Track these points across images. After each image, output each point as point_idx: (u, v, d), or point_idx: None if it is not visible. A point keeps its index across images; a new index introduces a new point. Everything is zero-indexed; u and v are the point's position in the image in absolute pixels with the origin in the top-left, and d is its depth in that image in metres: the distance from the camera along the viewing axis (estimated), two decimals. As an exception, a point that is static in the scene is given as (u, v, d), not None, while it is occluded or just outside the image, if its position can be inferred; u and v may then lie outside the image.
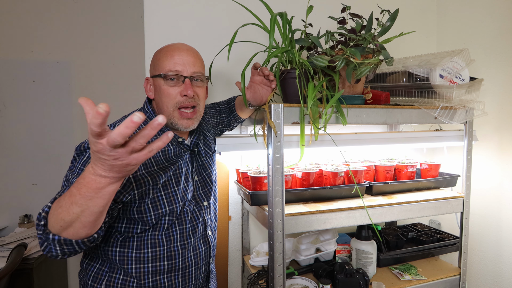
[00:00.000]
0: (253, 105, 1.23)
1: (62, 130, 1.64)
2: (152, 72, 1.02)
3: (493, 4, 1.74)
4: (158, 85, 0.98)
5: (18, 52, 1.57)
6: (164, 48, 1.01)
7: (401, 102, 1.47)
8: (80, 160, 0.86)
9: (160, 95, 0.98)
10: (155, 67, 1.01)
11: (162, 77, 0.97)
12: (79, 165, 0.85)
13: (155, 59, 1.02)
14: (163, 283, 0.96)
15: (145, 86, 1.04)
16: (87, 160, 0.85)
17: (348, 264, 1.40)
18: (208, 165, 1.15)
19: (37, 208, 1.64)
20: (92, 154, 0.62)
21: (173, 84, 0.97)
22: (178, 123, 0.99)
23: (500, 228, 1.72)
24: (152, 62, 1.03)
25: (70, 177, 0.84)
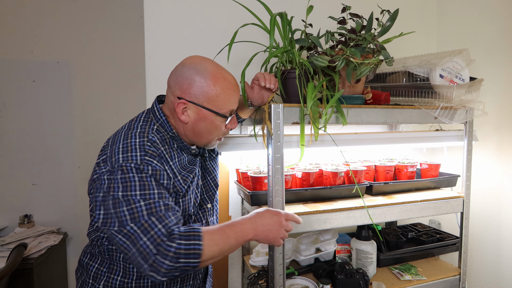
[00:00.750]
0: (254, 105, 1.23)
1: (62, 130, 1.64)
2: (203, 102, 0.94)
3: (493, 5, 1.74)
4: (211, 120, 0.96)
5: (18, 52, 1.57)
6: (220, 82, 0.95)
7: (401, 102, 1.47)
8: (133, 187, 0.81)
9: (209, 128, 0.97)
10: (210, 101, 0.94)
11: (221, 116, 0.96)
12: (136, 192, 0.81)
13: (210, 92, 0.93)
14: (162, 283, 0.96)
15: (179, 109, 0.94)
16: (138, 184, 0.81)
17: (348, 264, 1.40)
18: (212, 169, 1.14)
19: (37, 208, 1.64)
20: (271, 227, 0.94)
21: (226, 120, 0.99)
22: (212, 146, 1.05)
23: (500, 228, 1.72)
24: (201, 90, 0.93)
25: (139, 205, 0.80)
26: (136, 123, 0.95)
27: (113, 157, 0.85)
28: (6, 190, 1.59)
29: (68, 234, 1.67)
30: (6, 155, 1.58)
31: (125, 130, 0.92)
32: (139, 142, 0.87)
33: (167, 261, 0.76)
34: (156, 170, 0.85)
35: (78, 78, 1.63)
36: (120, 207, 0.80)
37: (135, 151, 0.85)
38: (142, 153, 0.85)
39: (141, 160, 0.84)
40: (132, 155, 0.84)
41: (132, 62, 1.67)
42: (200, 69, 0.94)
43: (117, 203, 0.80)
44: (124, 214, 0.79)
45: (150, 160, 0.85)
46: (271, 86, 1.14)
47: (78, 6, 1.61)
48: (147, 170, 0.83)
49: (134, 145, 0.86)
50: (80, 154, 1.66)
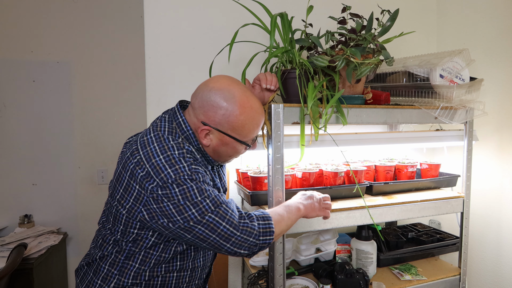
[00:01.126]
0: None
1: (62, 130, 1.64)
2: (227, 130, 0.94)
3: (493, 4, 1.74)
4: (233, 146, 0.98)
5: (18, 52, 1.57)
6: (247, 112, 0.95)
7: (401, 102, 1.47)
8: (194, 194, 0.85)
9: (230, 152, 1.00)
10: (235, 130, 0.95)
11: (245, 144, 0.99)
12: (200, 197, 0.86)
13: (237, 122, 0.94)
14: (171, 280, 0.97)
15: (201, 133, 0.95)
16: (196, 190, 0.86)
17: (348, 264, 1.40)
18: (222, 175, 1.15)
19: (37, 208, 1.64)
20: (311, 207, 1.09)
21: (246, 146, 1.01)
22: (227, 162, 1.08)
23: (501, 228, 1.72)
24: (227, 120, 0.93)
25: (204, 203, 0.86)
26: (164, 133, 0.93)
27: (161, 173, 0.85)
28: (6, 190, 1.59)
29: (68, 234, 1.67)
30: (6, 155, 1.58)
31: (157, 141, 0.90)
32: (180, 154, 0.88)
33: (251, 238, 0.87)
34: (204, 175, 0.90)
35: (78, 78, 1.63)
36: (187, 211, 0.84)
37: (181, 163, 0.86)
38: (188, 163, 0.87)
39: (190, 170, 0.86)
40: (181, 167, 0.86)
41: (132, 62, 1.67)
42: (227, 96, 0.93)
43: (182, 209, 0.84)
44: (194, 216, 0.84)
45: (197, 168, 0.89)
46: (272, 87, 1.14)
47: (78, 6, 1.61)
48: (198, 178, 0.87)
49: (178, 157, 0.87)
50: (80, 154, 1.66)
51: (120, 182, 0.90)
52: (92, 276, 0.96)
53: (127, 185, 0.88)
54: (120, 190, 0.90)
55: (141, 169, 0.86)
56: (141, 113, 1.68)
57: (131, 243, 0.93)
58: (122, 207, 0.89)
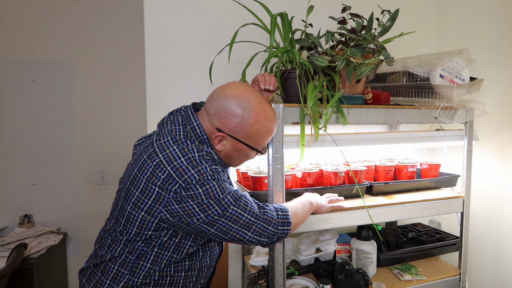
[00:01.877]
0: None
1: (62, 130, 1.64)
2: (241, 137, 0.96)
3: (493, 4, 1.74)
4: (245, 152, 1.00)
5: (18, 52, 1.57)
6: (263, 121, 0.96)
7: (401, 102, 1.47)
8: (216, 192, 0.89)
9: (242, 157, 1.03)
10: (249, 137, 0.96)
11: (257, 151, 1.02)
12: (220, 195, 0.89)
13: (252, 130, 0.95)
14: (179, 279, 0.98)
15: (215, 138, 0.96)
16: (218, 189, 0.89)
17: (348, 264, 1.40)
18: (228, 175, 1.15)
19: (37, 208, 1.64)
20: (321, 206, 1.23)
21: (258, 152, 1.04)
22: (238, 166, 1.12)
23: (501, 228, 1.72)
24: (242, 128, 0.95)
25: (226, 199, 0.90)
26: (180, 137, 0.94)
27: (184, 175, 0.86)
28: (6, 190, 1.59)
29: (68, 234, 1.67)
30: (6, 155, 1.58)
31: (175, 144, 0.91)
32: (200, 156, 0.91)
33: (270, 227, 0.94)
34: (223, 174, 0.94)
35: (78, 78, 1.63)
36: (211, 209, 0.88)
37: (202, 164, 0.89)
38: (209, 164, 0.91)
39: (211, 171, 0.89)
40: (203, 168, 0.88)
41: (132, 62, 1.67)
42: (244, 105, 0.94)
43: (206, 207, 0.87)
44: (218, 212, 0.88)
45: (216, 168, 0.92)
46: (270, 87, 1.15)
47: (78, 6, 1.61)
48: (219, 177, 0.91)
49: (198, 159, 0.90)
50: (80, 154, 1.66)
51: (136, 185, 0.90)
52: (100, 275, 0.96)
53: (144, 187, 0.88)
54: (135, 192, 0.90)
55: (161, 171, 0.87)
56: (141, 113, 1.68)
57: (143, 243, 0.93)
58: (138, 208, 0.90)
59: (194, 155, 0.90)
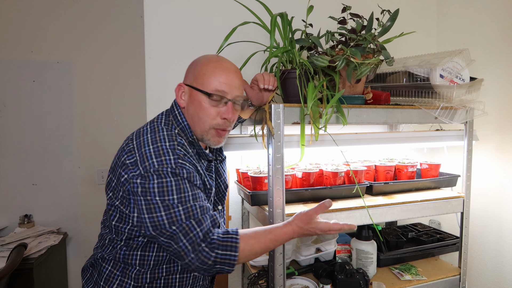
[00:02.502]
0: (254, 105, 1.23)
1: (62, 130, 1.64)
2: (192, 82, 0.96)
3: (493, 4, 1.74)
4: (198, 100, 0.95)
5: (18, 52, 1.57)
6: (211, 63, 0.96)
7: (401, 102, 1.47)
8: (170, 191, 0.84)
9: (198, 110, 0.95)
10: (197, 79, 0.95)
11: (205, 94, 0.94)
12: (173, 196, 0.83)
13: (199, 71, 0.96)
14: (175, 282, 0.97)
15: (177, 91, 0.98)
16: (174, 188, 0.84)
17: (348, 264, 1.40)
18: (222, 171, 1.14)
19: (37, 208, 1.64)
20: (302, 230, 0.95)
21: (215, 104, 0.95)
22: (211, 140, 0.98)
23: (501, 228, 1.72)
24: (193, 71, 0.97)
25: (177, 209, 0.83)
26: (159, 125, 0.94)
27: (146, 161, 0.84)
28: (6, 190, 1.59)
29: (68, 234, 1.67)
30: (6, 155, 1.58)
31: (151, 132, 0.90)
32: (170, 146, 0.87)
33: (205, 266, 0.82)
34: (190, 172, 0.87)
35: (78, 78, 1.63)
36: (157, 212, 0.82)
37: (168, 155, 0.85)
38: (175, 157, 0.86)
39: (175, 164, 0.85)
40: (167, 159, 0.85)
41: (132, 62, 1.67)
42: (201, 57, 1.00)
43: (153, 208, 0.82)
44: (162, 219, 0.82)
45: (184, 163, 0.87)
46: (270, 86, 1.14)
47: (78, 6, 1.61)
48: (182, 173, 0.85)
49: (166, 149, 0.86)
50: (80, 154, 1.66)
51: (114, 173, 0.91)
52: (97, 277, 0.96)
53: (119, 175, 0.88)
54: (114, 180, 0.90)
55: (129, 157, 0.87)
56: (141, 113, 1.68)
57: (125, 246, 0.93)
58: (116, 198, 0.90)
59: (164, 144, 0.87)
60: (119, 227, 0.91)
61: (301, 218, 0.95)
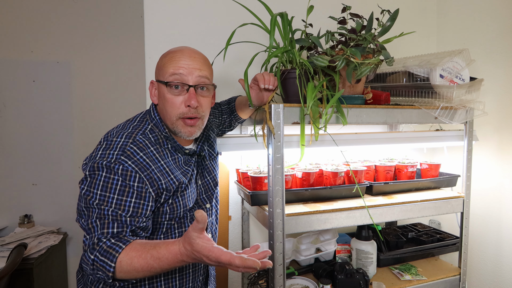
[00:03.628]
0: (254, 105, 1.23)
1: (62, 130, 1.63)
2: (156, 75, 0.99)
3: (493, 4, 1.74)
4: (162, 92, 0.94)
5: (18, 52, 1.56)
6: (169, 52, 0.97)
7: (401, 102, 1.47)
8: (96, 184, 0.84)
9: (164, 102, 0.95)
10: (159, 71, 0.97)
11: (165, 85, 0.93)
12: (95, 191, 0.84)
13: (159, 63, 0.98)
14: (160, 286, 0.95)
15: (150, 89, 1.00)
16: (101, 183, 0.84)
17: (348, 264, 1.40)
18: (212, 168, 1.14)
19: (37, 208, 1.63)
20: (189, 253, 0.74)
21: (177, 93, 0.93)
22: (182, 131, 0.96)
23: (501, 228, 1.72)
24: (157, 65, 0.99)
25: (93, 205, 0.84)
26: (131, 123, 0.97)
27: (94, 152, 0.89)
28: (6, 190, 1.59)
29: (68, 234, 1.67)
30: (6, 155, 1.58)
31: (118, 129, 0.95)
32: (123, 142, 0.89)
33: (88, 267, 0.81)
34: (127, 170, 0.86)
35: (78, 78, 1.63)
36: (81, 201, 0.86)
37: (114, 150, 0.87)
38: (119, 152, 0.87)
39: (115, 159, 0.86)
40: (109, 153, 0.87)
41: (132, 62, 1.67)
42: (166, 52, 1.00)
43: (80, 196, 0.87)
44: (82, 209, 0.85)
45: (125, 160, 0.86)
46: (270, 86, 1.14)
47: (78, 6, 1.60)
48: (117, 169, 0.85)
49: (116, 144, 0.89)
50: (80, 154, 1.66)
51: None
52: (86, 279, 0.97)
53: None
54: None
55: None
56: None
57: None
58: None
59: (118, 140, 0.89)
60: None
61: (185, 236, 0.76)
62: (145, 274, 0.78)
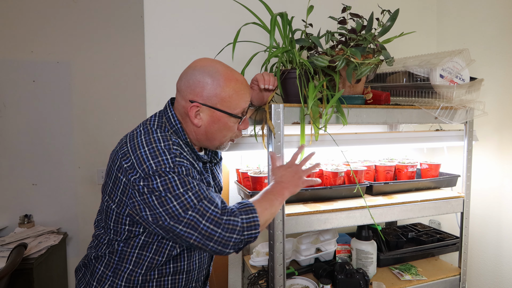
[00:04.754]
0: (254, 105, 1.23)
1: (62, 130, 1.64)
2: (213, 102, 0.94)
3: (493, 4, 1.74)
4: (224, 122, 0.96)
5: (18, 52, 1.57)
6: (231, 82, 0.95)
7: (401, 102, 1.47)
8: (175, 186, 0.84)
9: (223, 129, 0.97)
10: (222, 102, 0.94)
11: (234, 117, 0.96)
12: (179, 189, 0.84)
13: (222, 93, 0.93)
14: (167, 284, 0.96)
15: (192, 112, 0.94)
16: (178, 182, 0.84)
17: (348, 264, 1.40)
18: (217, 174, 1.14)
19: (37, 208, 1.64)
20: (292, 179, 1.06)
21: (238, 120, 0.99)
22: (225, 147, 1.05)
23: (500, 228, 1.72)
24: (213, 91, 0.93)
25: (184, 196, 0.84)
26: (152, 127, 0.93)
27: (143, 164, 0.84)
28: (6, 190, 1.59)
29: (68, 234, 1.67)
30: (6, 155, 1.58)
31: (144, 134, 0.89)
32: (165, 146, 0.87)
33: (235, 235, 0.84)
34: (188, 169, 0.87)
35: (78, 78, 1.63)
36: (169, 203, 0.82)
37: (165, 155, 0.85)
38: (172, 155, 0.86)
39: (173, 163, 0.85)
40: (164, 159, 0.85)
41: (132, 62, 1.67)
42: (211, 71, 0.94)
43: (164, 201, 0.82)
44: (176, 209, 0.82)
45: (181, 161, 0.87)
46: (270, 86, 1.14)
47: (78, 6, 1.61)
48: (181, 171, 0.85)
49: (162, 149, 0.86)
50: (80, 154, 1.66)
51: (110, 176, 0.90)
52: (89, 277, 0.96)
53: (115, 178, 0.88)
54: (110, 184, 0.90)
55: (125, 160, 0.86)
56: (141, 113, 1.68)
57: (123, 243, 0.92)
58: (112, 201, 0.90)
59: (159, 145, 0.87)
60: (118, 227, 0.91)
61: (277, 171, 1.09)
62: (271, 217, 0.94)
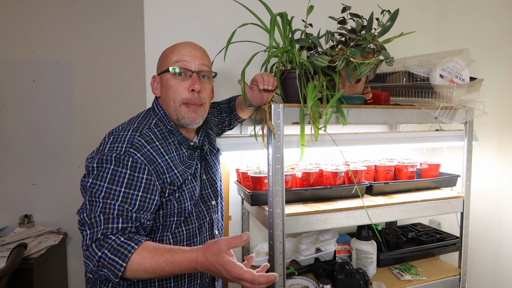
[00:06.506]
0: (254, 105, 1.23)
1: (62, 130, 1.63)
2: (159, 69, 1.04)
3: (493, 4, 1.74)
4: (166, 81, 0.99)
5: (18, 52, 1.56)
6: (171, 46, 1.04)
7: (401, 102, 1.47)
8: (103, 177, 0.84)
9: (167, 90, 0.99)
10: (162, 63, 1.03)
11: (170, 72, 0.98)
12: (102, 183, 0.84)
13: (162, 55, 1.04)
14: (169, 283, 0.96)
15: (152, 84, 1.05)
16: (108, 176, 0.84)
17: (348, 264, 1.40)
18: (213, 164, 1.16)
19: (37, 208, 1.63)
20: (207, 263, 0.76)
21: (180, 79, 0.98)
22: (185, 117, 0.99)
23: (500, 228, 1.72)
24: (159, 60, 1.05)
25: (98, 198, 0.83)
26: (135, 119, 1.00)
27: (101, 146, 0.90)
28: (6, 190, 1.59)
29: (68, 234, 1.67)
30: (6, 155, 1.58)
31: (124, 125, 0.97)
32: (130, 136, 0.91)
33: (91, 264, 0.78)
34: (137, 163, 0.87)
35: (78, 78, 1.63)
36: (84, 193, 0.85)
37: (122, 143, 0.89)
38: (128, 145, 0.89)
39: (124, 151, 0.87)
40: (118, 146, 0.88)
41: (132, 62, 1.67)
42: (169, 47, 1.05)
43: (85, 189, 0.86)
44: (84, 203, 0.84)
45: (134, 152, 0.88)
46: (269, 87, 1.15)
47: (78, 6, 1.60)
48: (126, 161, 0.86)
49: (124, 138, 0.90)
50: (80, 154, 1.66)
51: None
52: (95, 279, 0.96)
53: None
54: None
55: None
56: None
57: None
58: None
59: (125, 134, 0.92)
60: None
61: (210, 246, 0.77)
62: (152, 276, 0.78)
